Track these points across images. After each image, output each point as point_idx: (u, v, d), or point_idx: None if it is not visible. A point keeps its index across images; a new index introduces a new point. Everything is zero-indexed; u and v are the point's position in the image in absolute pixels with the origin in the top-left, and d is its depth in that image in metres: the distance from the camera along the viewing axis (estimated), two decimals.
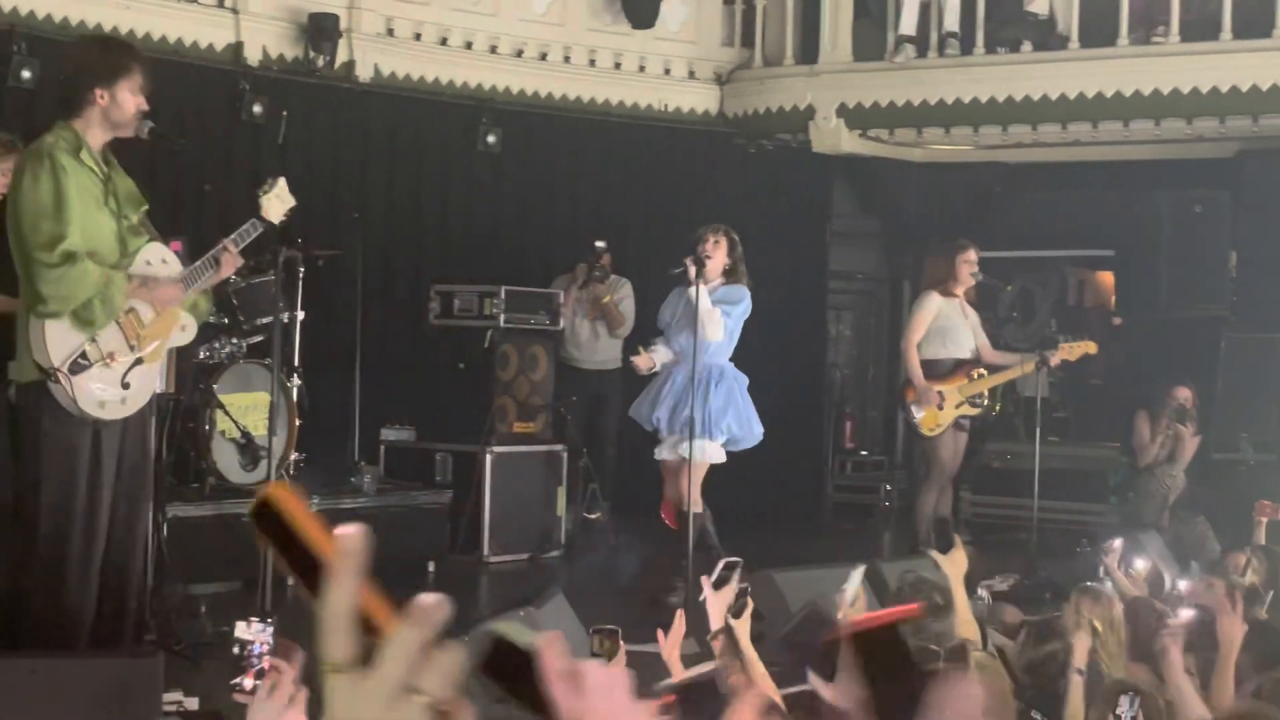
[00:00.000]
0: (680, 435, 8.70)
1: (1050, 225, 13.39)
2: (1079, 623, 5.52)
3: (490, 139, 11.88)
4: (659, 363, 8.93)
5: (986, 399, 9.86)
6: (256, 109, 10.49)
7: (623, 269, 11.26)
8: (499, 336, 10.31)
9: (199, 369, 8.59)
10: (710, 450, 8.81)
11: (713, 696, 4.19)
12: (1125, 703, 3.94)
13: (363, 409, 10.17)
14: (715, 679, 4.77)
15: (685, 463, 8.66)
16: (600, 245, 10.87)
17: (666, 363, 8.92)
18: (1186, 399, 11.01)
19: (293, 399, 8.96)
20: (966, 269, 9.76)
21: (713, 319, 8.66)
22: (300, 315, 9.30)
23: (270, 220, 5.85)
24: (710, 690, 4.43)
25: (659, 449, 8.99)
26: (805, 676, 2.63)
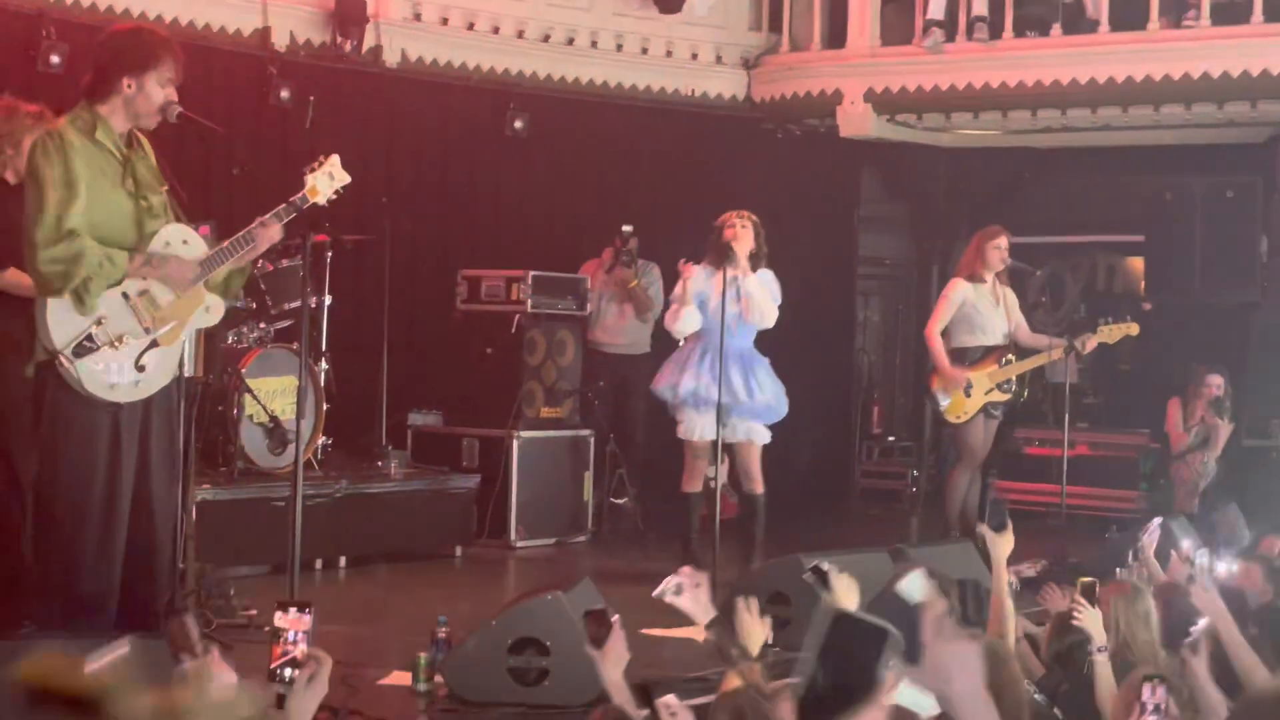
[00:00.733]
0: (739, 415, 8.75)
1: (1080, 210, 13.33)
2: (1086, 604, 5.49)
3: (517, 124, 11.88)
4: (685, 323, 8.86)
5: (1014, 385, 9.81)
6: (284, 94, 10.51)
7: (650, 254, 11.24)
8: (526, 321, 10.31)
9: (227, 353, 8.62)
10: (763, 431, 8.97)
11: None
12: (1149, 690, 3.91)
13: (390, 394, 10.18)
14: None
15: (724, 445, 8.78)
16: (628, 229, 10.88)
17: (690, 329, 8.91)
18: (1219, 386, 10.94)
19: (320, 383, 8.99)
20: (996, 254, 9.70)
21: (770, 309, 8.84)
22: (328, 300, 9.32)
23: (315, 200, 5.82)
24: None
25: (729, 430, 8.89)
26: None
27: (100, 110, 5.52)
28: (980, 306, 9.69)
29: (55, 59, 9.39)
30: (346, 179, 5.90)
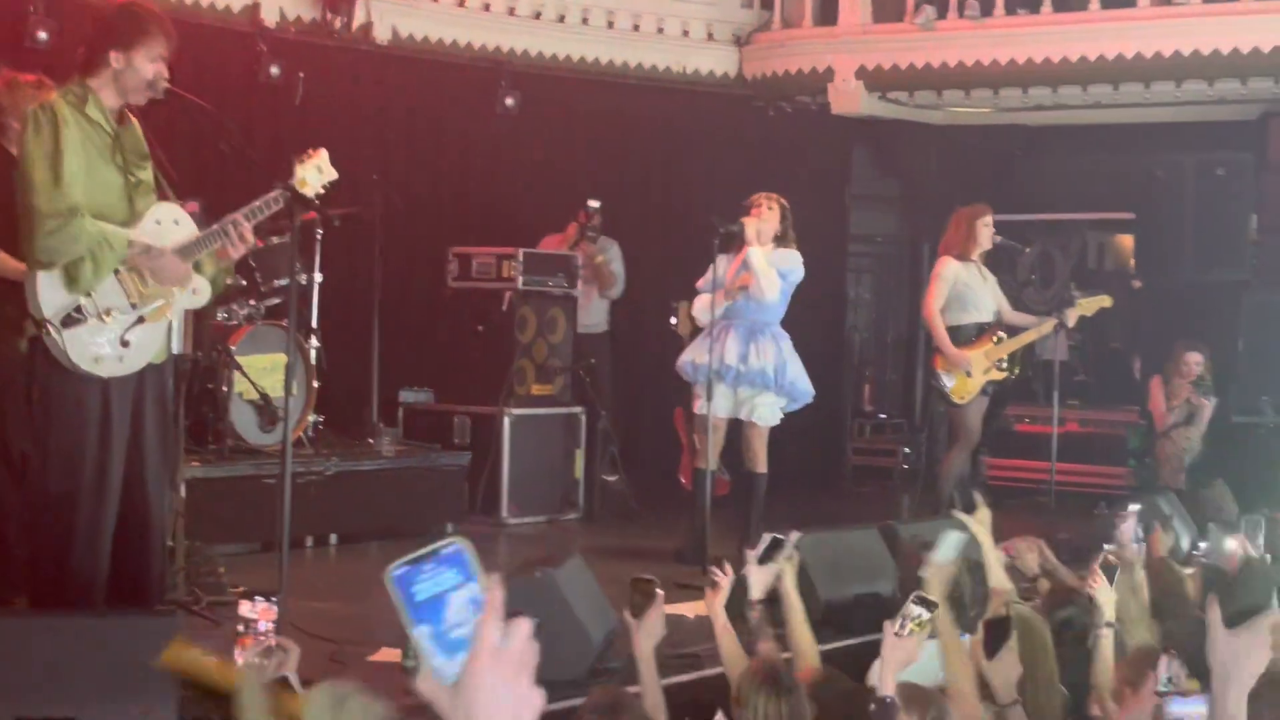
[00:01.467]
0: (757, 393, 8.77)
1: (1070, 188, 13.33)
2: (1104, 579, 5.52)
3: (509, 101, 11.85)
4: (700, 313, 8.86)
5: (1008, 363, 9.83)
6: (274, 71, 10.48)
7: (642, 231, 11.23)
8: (517, 299, 10.30)
9: (217, 330, 8.60)
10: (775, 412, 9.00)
11: None
12: (1165, 664, 3.89)
13: (381, 371, 10.17)
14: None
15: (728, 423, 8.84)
16: (594, 205, 10.84)
17: (700, 313, 8.90)
18: (1199, 364, 10.98)
19: (311, 361, 8.98)
20: (986, 233, 9.71)
21: (770, 278, 8.75)
22: (318, 277, 9.31)
23: (303, 192, 5.81)
24: None
25: (740, 409, 8.87)
26: None
27: (91, 84, 5.51)
28: (972, 284, 9.70)
29: (43, 35, 9.36)
30: (334, 174, 5.91)
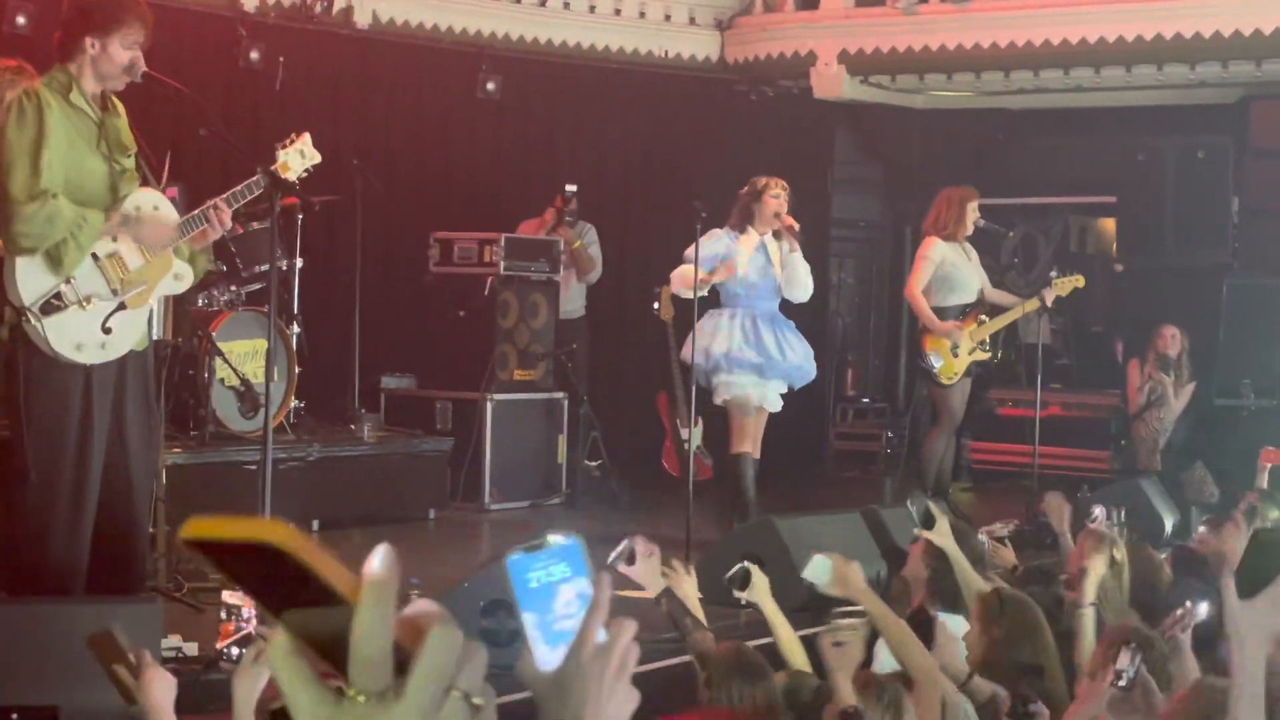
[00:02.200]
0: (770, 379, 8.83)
1: (1052, 172, 13.33)
2: (1088, 558, 5.55)
3: (490, 86, 11.82)
4: (680, 287, 8.82)
5: (989, 344, 9.85)
6: (254, 55, 10.43)
7: (624, 216, 11.22)
8: (499, 284, 10.28)
9: (197, 316, 8.57)
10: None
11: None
12: (1125, 658, 3.89)
13: (363, 357, 10.16)
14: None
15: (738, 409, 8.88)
16: (571, 189, 10.83)
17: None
18: (1173, 338, 11.03)
19: (292, 347, 8.95)
20: (971, 215, 9.71)
21: (809, 281, 9.01)
22: (299, 263, 9.29)
23: (286, 176, 5.80)
24: None
25: (763, 397, 8.89)
26: None
27: (71, 70, 5.49)
28: (958, 264, 9.71)
29: (21, 20, 9.31)
30: (317, 158, 5.89)
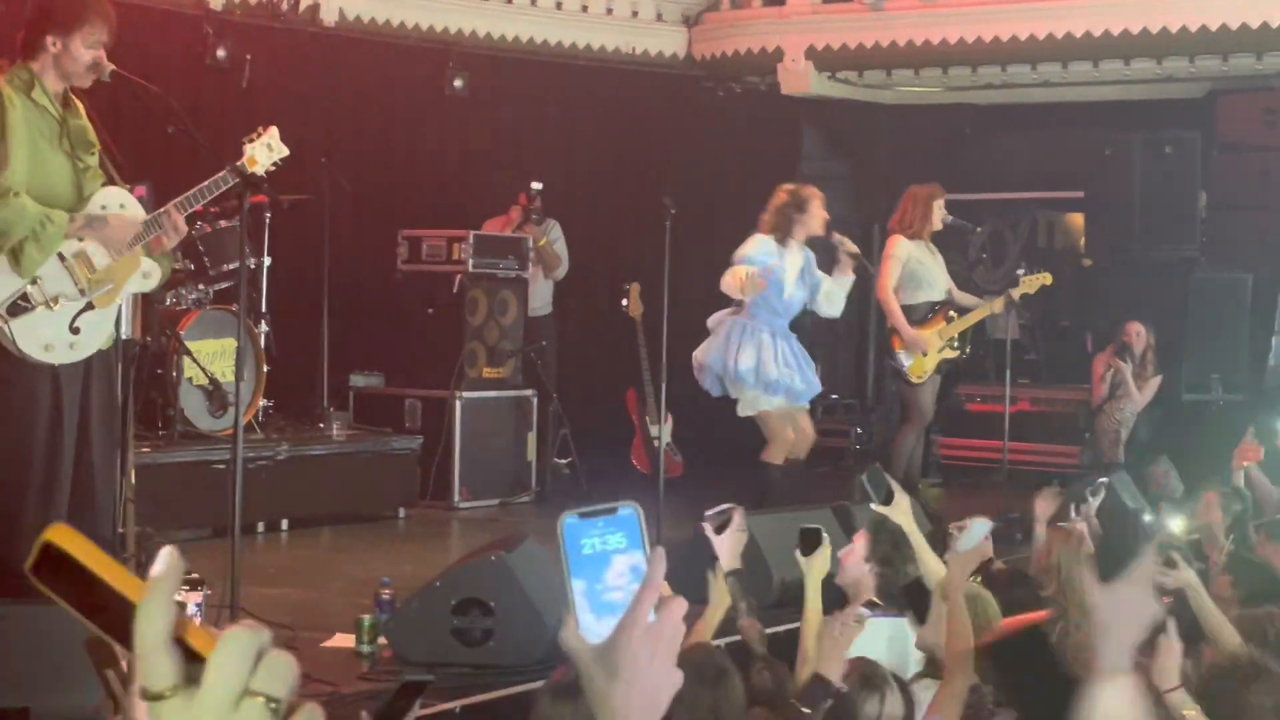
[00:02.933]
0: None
1: (1020, 167, 13.37)
2: (1055, 554, 5.55)
3: (457, 83, 11.79)
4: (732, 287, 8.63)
5: (959, 342, 9.86)
6: (221, 53, 10.39)
7: (592, 213, 11.20)
8: (468, 281, 10.25)
9: (165, 315, 8.54)
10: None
11: None
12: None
13: (331, 355, 10.12)
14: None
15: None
16: (536, 187, 10.82)
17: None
18: (1138, 334, 11.07)
19: (260, 345, 8.92)
20: (939, 213, 9.73)
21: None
22: (267, 261, 9.25)
23: (253, 170, 5.76)
24: None
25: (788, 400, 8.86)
26: None
27: (33, 67, 5.45)
28: (925, 262, 9.72)
29: None
30: (285, 151, 5.86)
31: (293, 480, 8.93)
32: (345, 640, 5.95)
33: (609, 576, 1.60)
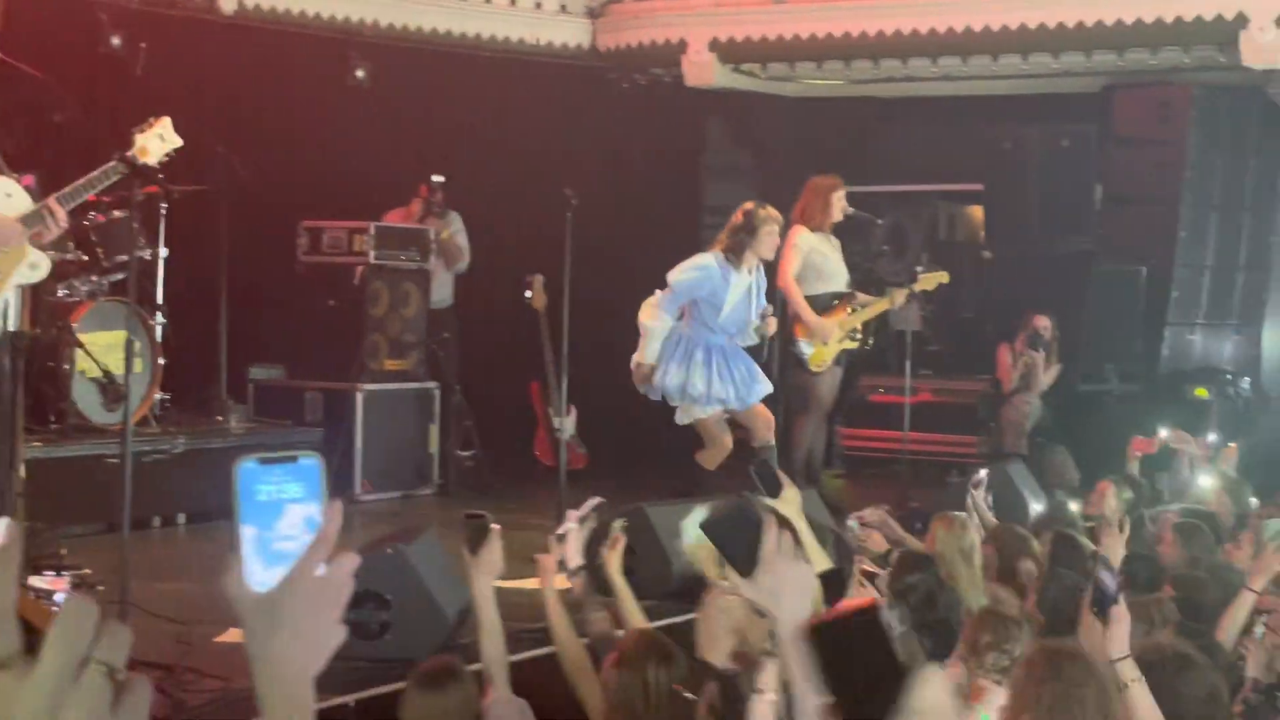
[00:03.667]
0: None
1: (922, 160, 13.46)
2: (940, 542, 5.62)
3: (359, 73, 11.70)
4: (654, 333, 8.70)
5: (861, 333, 9.91)
6: (115, 41, 10.23)
7: (495, 205, 11.15)
8: (369, 273, 10.19)
9: (56, 307, 8.40)
10: None
11: None
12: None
13: (231, 347, 10.01)
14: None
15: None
16: (438, 179, 10.79)
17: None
18: (1045, 328, 11.20)
19: (156, 338, 8.81)
20: (840, 205, 9.78)
21: None
22: (164, 252, 9.13)
23: (145, 161, 5.69)
24: None
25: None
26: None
27: None
28: (826, 253, 9.77)
29: None
30: (178, 142, 5.80)
31: (190, 474, 8.83)
32: (239, 635, 5.88)
33: (281, 525, 1.58)
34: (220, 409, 9.66)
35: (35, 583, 3.91)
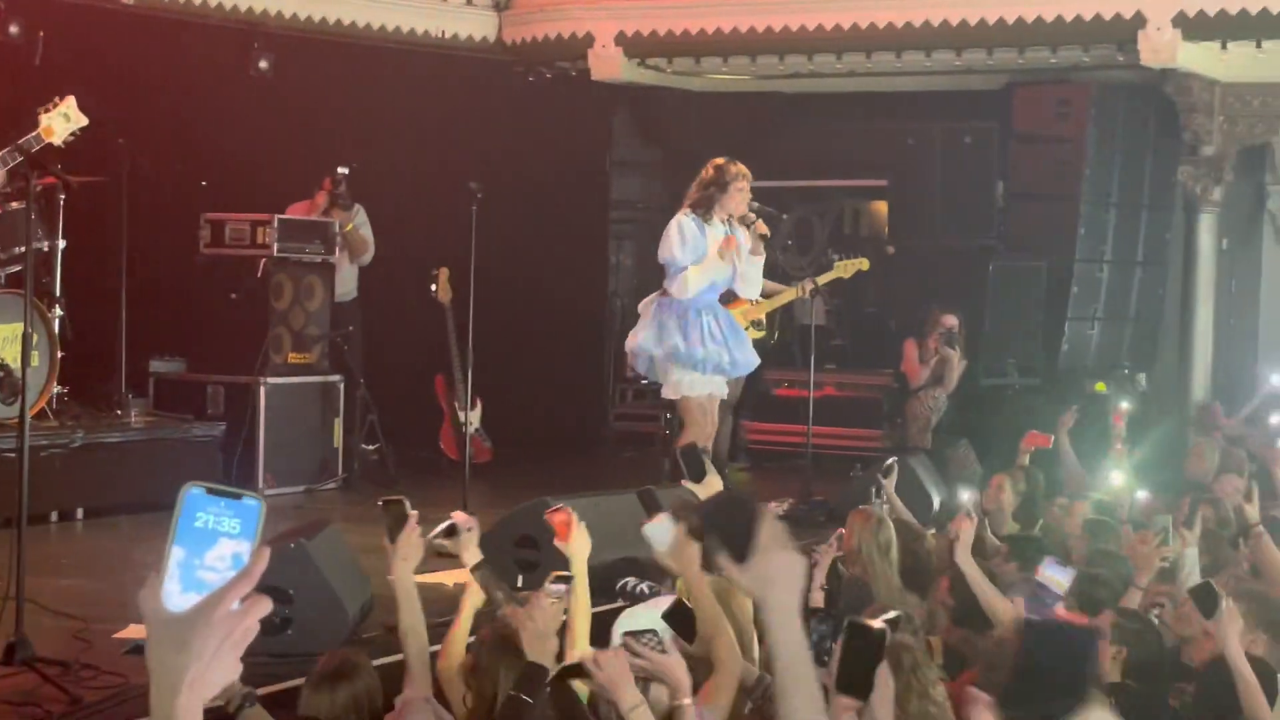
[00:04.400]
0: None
1: (826, 155, 13.55)
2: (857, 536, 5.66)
3: (262, 64, 11.59)
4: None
5: (764, 325, 9.96)
6: (13, 30, 10.08)
7: (399, 198, 11.09)
8: (272, 266, 10.11)
9: None
10: None
11: None
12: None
13: (130, 340, 9.89)
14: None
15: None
16: (342, 171, 10.73)
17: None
18: (953, 326, 11.30)
19: (54, 330, 8.69)
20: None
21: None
22: (61, 244, 9.01)
23: (50, 141, 5.62)
24: None
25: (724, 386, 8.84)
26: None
27: None
28: None
29: None
30: (83, 120, 5.74)
31: (88, 468, 8.72)
32: (139, 631, 5.82)
33: (209, 556, 1.61)
34: (119, 402, 9.54)
35: None
